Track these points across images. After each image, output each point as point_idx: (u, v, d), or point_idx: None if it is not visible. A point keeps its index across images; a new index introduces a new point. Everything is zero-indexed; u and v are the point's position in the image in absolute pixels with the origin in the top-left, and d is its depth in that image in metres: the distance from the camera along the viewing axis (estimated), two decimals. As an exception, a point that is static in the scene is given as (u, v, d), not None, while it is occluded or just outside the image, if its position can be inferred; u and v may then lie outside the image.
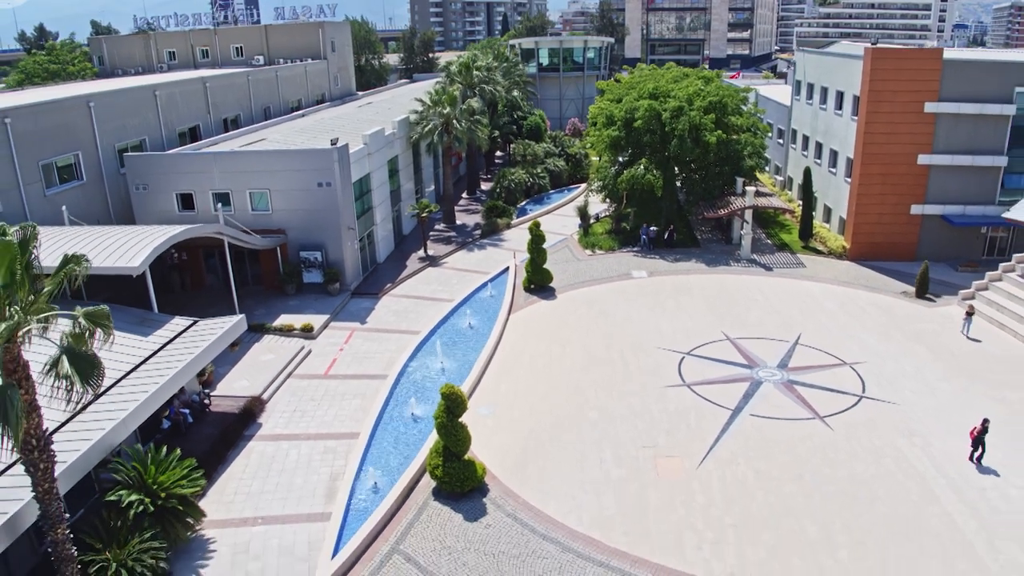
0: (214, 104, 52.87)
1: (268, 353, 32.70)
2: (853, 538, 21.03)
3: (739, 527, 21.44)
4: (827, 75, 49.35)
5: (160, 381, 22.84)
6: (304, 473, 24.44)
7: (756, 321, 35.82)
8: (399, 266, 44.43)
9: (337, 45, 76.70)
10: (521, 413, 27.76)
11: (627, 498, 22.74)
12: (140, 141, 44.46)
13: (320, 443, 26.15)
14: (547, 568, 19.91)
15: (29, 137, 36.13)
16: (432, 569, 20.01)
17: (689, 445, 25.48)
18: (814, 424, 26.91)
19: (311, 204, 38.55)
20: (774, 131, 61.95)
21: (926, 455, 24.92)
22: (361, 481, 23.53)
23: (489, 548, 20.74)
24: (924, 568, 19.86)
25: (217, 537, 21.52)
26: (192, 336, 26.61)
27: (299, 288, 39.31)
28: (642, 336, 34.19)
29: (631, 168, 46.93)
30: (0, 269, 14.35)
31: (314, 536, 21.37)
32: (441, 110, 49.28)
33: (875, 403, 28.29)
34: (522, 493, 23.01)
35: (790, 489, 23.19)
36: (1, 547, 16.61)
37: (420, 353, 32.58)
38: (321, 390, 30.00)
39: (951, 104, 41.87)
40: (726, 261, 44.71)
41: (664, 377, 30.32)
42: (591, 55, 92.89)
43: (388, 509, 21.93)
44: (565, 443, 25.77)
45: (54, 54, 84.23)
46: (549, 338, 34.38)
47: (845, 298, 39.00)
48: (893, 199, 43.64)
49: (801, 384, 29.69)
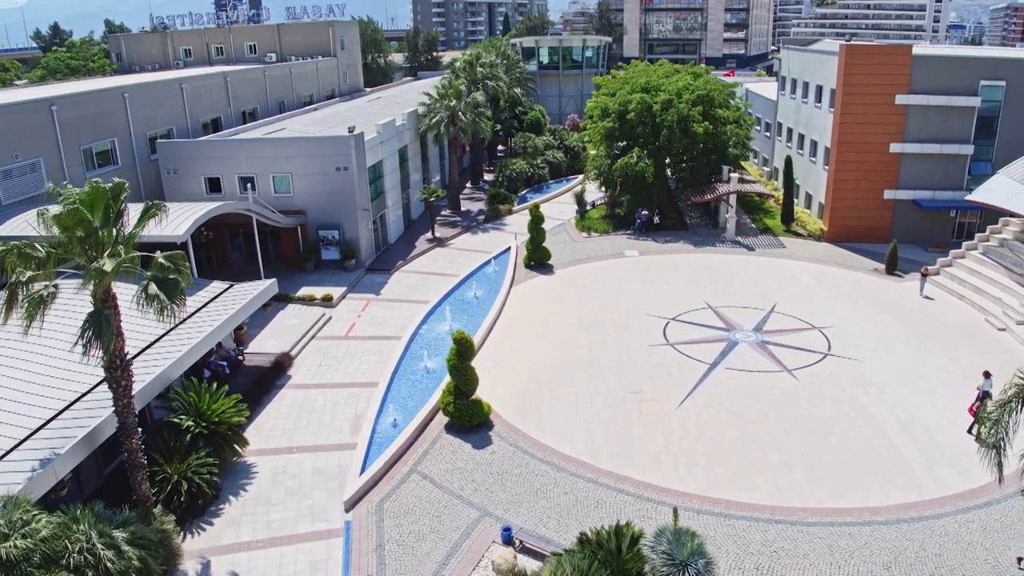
0: (234, 97, 56.33)
1: (293, 319, 36.10)
2: (808, 463, 24.40)
3: (710, 454, 24.82)
4: (808, 71, 52.75)
5: (207, 330, 26.24)
6: (331, 414, 27.84)
7: (736, 293, 39.18)
8: (409, 246, 47.87)
9: (346, 43, 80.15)
10: (522, 366, 31.16)
11: (614, 432, 26.13)
12: (168, 130, 47.90)
13: (344, 391, 29.54)
14: (544, 483, 23.31)
15: (72, 124, 39.56)
16: (445, 485, 23.42)
17: (670, 391, 28.87)
18: (782, 376, 30.30)
19: (329, 187, 41.94)
20: (761, 124, 65.32)
21: (879, 401, 28.28)
22: (382, 418, 26.91)
23: (494, 469, 24.14)
24: (868, 484, 23.23)
25: (258, 463, 24.91)
26: (230, 296, 30.01)
27: (318, 264, 42.71)
28: (632, 305, 37.57)
29: (625, 157, 50.31)
30: (97, 210, 17.73)
31: (343, 461, 24.75)
32: (447, 103, 52.66)
33: (838, 359, 31.68)
34: (523, 428, 26.42)
35: (757, 427, 26.56)
36: (81, 456, 19.93)
37: (430, 318, 36.01)
38: (343, 349, 33.42)
39: (920, 96, 45.24)
40: (712, 243, 48.11)
41: (650, 338, 33.71)
42: (589, 54, 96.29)
43: (406, 439, 25.33)
44: (561, 390, 29.17)
45: (74, 51, 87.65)
46: (547, 306, 37.80)
47: (820, 274, 42.38)
48: (867, 185, 47.01)
49: (773, 344, 33.09)
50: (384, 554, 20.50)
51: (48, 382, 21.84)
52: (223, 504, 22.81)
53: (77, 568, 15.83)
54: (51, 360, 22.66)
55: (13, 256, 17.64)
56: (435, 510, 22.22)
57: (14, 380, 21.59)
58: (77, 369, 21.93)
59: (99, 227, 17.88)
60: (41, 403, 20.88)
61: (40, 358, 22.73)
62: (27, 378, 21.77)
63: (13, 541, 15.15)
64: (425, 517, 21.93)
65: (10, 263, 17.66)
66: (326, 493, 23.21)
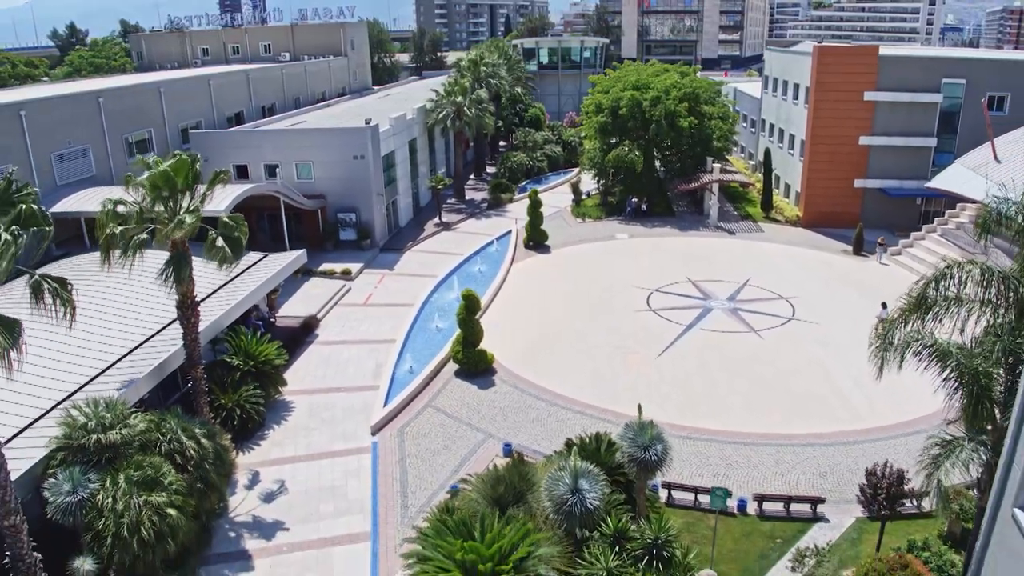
0: (255, 92, 60.63)
1: (316, 289, 40.36)
2: (765, 402, 28.61)
3: (681, 395, 29.04)
4: (787, 70, 56.99)
5: (251, 288, 30.52)
6: (355, 364, 32.09)
7: (715, 270, 43.36)
8: (418, 229, 52.15)
9: (356, 44, 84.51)
10: (521, 328, 35.38)
11: (600, 376, 30.36)
12: (197, 122, 52.19)
13: (365, 346, 33.78)
14: (539, 415, 27.55)
15: (116, 115, 43.82)
16: (456, 416, 27.67)
17: (650, 347, 33.09)
18: (750, 335, 34.54)
19: (347, 174, 46.17)
20: (747, 121, 69.56)
21: (833, 356, 32.46)
22: (400, 367, 31.16)
23: (497, 404, 28.39)
24: (815, 418, 27.41)
25: (296, 400, 29.15)
26: (266, 264, 34.27)
27: (336, 244, 46.94)
28: (620, 279, 41.77)
29: (617, 149, 54.54)
30: (180, 175, 21.97)
31: (367, 400, 28.95)
32: (454, 99, 56.92)
33: (801, 323, 35.90)
34: (521, 373, 30.68)
35: (723, 375, 30.77)
36: (157, 379, 24.16)
37: (440, 288, 40.28)
38: (362, 314, 37.67)
39: (887, 93, 49.45)
40: (696, 227, 52.35)
41: (635, 305, 37.93)
42: (587, 54, 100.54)
43: (421, 381, 29.58)
44: (555, 346, 33.40)
45: (96, 49, 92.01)
46: (545, 279, 42.06)
47: (793, 254, 46.60)
48: (839, 175, 51.21)
49: (744, 311, 37.32)
50: (406, 465, 24.75)
51: (127, 326, 26.07)
52: (268, 430, 27.06)
53: (167, 454, 20.08)
54: (128, 309, 26.90)
55: (109, 213, 21.82)
56: (447, 433, 26.48)
57: (103, 322, 25.78)
58: (148, 317, 26.25)
59: (180, 188, 22.10)
60: (123, 340, 25.13)
61: (119, 307, 26.95)
62: (112, 321, 25.97)
63: (117, 430, 19.38)
64: (439, 439, 26.18)
65: (104, 216, 21.82)
66: (355, 423, 27.44)
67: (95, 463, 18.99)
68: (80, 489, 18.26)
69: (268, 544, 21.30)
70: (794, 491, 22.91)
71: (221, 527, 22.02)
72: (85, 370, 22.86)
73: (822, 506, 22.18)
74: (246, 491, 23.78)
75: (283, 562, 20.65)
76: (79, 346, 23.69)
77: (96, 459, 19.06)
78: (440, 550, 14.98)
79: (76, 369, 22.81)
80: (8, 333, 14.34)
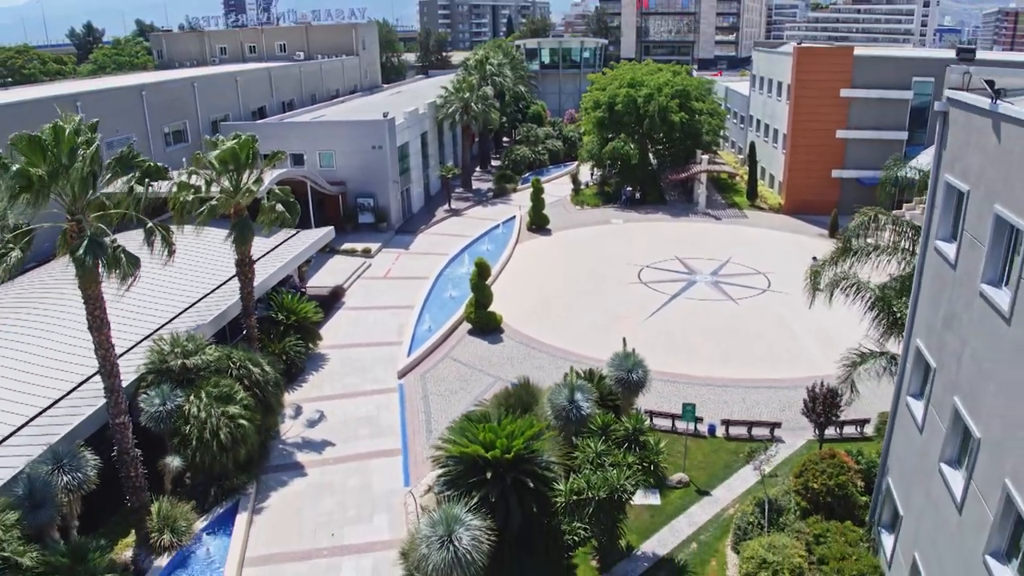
0: (276, 89, 65.04)
1: (340, 264, 44.71)
2: (737, 355, 32.95)
3: (665, 349, 33.33)
4: (771, 69, 61.37)
5: (289, 256, 34.91)
6: (380, 325, 36.45)
7: (701, 250, 47.69)
8: (429, 215, 56.55)
9: (367, 44, 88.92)
10: (525, 296, 39.74)
11: (594, 334, 34.67)
12: (225, 115, 56.55)
13: (388, 311, 38.14)
14: (541, 363, 31.90)
15: (156, 107, 48.22)
16: (470, 364, 32.05)
17: (639, 311, 37.45)
18: (728, 303, 38.90)
19: (366, 162, 50.54)
20: (738, 117, 73.93)
21: (800, 320, 36.66)
22: (419, 326, 35.54)
23: (505, 355, 32.78)
24: (781, 365, 31.74)
25: (329, 353, 33.50)
26: (299, 237, 38.65)
27: (355, 227, 51.30)
28: (614, 257, 46.12)
29: (613, 142, 58.89)
30: (244, 152, 26.32)
31: (393, 353, 33.29)
32: (462, 95, 61.30)
33: (775, 293, 40.25)
34: (526, 331, 35.06)
35: (703, 336, 35.10)
36: (220, 326, 28.52)
37: (452, 264, 44.68)
38: (383, 285, 42.05)
39: (861, 90, 53.81)
40: (686, 213, 56.73)
41: (627, 278, 42.29)
42: (587, 55, 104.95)
43: (439, 337, 33.98)
44: (554, 311, 37.77)
45: (118, 48, 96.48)
46: (546, 257, 46.44)
47: (773, 237, 50.94)
48: (818, 165, 55.57)
49: (724, 283, 41.67)
50: (429, 401, 29.12)
51: (190, 284, 30.45)
52: (308, 376, 31.44)
53: (237, 378, 24.42)
54: (189, 272, 31.28)
55: (182, 184, 26.16)
56: (463, 377, 30.86)
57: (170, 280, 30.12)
58: (206, 278, 30.68)
59: (242, 164, 26.45)
60: (188, 294, 29.53)
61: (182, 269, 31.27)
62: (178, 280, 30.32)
63: (197, 356, 23.74)
64: (456, 382, 30.56)
65: (178, 185, 26.16)
66: (383, 370, 31.81)
67: (179, 383, 23.34)
68: (169, 401, 22.60)
69: (316, 457, 25.65)
70: (756, 420, 27.25)
71: (275, 447, 26.35)
72: (163, 314, 27.26)
73: (779, 430, 26.53)
74: (292, 421, 28.12)
75: (330, 471, 24.99)
76: (156, 296, 28.11)
77: (180, 379, 23.41)
78: (466, 434, 19.31)
79: (157, 312, 27.23)
80: (132, 265, 18.60)
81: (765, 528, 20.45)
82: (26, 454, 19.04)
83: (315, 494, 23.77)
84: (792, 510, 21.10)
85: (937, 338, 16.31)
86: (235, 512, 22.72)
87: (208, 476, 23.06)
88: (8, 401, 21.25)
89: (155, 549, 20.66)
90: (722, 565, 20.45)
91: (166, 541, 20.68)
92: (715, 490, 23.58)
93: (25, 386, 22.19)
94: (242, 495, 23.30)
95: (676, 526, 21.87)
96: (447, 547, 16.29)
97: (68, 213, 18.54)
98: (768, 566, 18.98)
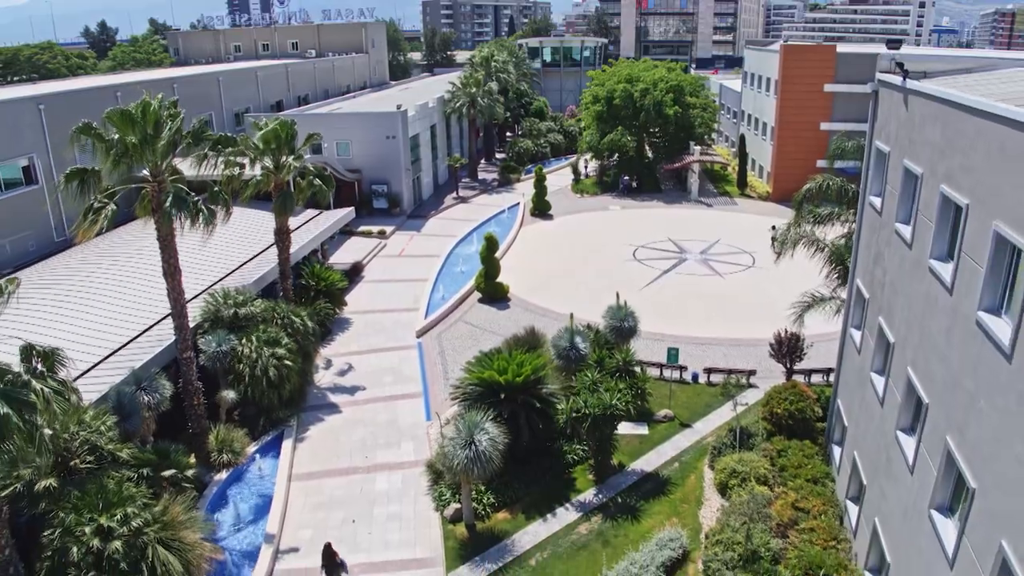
0: (292, 84, 68.76)
1: (358, 244, 48.40)
2: (721, 318, 36.58)
3: (657, 314, 36.93)
4: (761, 66, 65.02)
5: (316, 231, 38.59)
6: (398, 294, 40.10)
7: (692, 232, 51.33)
8: (439, 201, 60.24)
9: (376, 42, 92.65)
10: (530, 271, 43.38)
11: (593, 301, 38.19)
12: (247, 108, 60.23)
13: (404, 283, 41.80)
14: (545, 326, 35.22)
15: (185, 100, 51.46)
16: (481, 327, 35.71)
17: (635, 284, 41.06)
18: (715, 278, 42.55)
19: (381, 151, 54.19)
20: (731, 113, 77.57)
21: (781, 290, 40.22)
22: (434, 294, 39.20)
23: (512, 319, 36.43)
24: (760, 328, 35.26)
25: (353, 318, 37.16)
26: (323, 216, 42.35)
27: (370, 211, 54.95)
28: (612, 238, 49.78)
29: (611, 134, 62.52)
30: (283, 132, 29.98)
31: (411, 318, 36.94)
32: (468, 90, 64.99)
33: (759, 269, 43.85)
34: (531, 300, 38.71)
35: (693, 302, 38.75)
36: (260, 287, 32.16)
37: (461, 244, 48.37)
38: (399, 262, 45.73)
39: (844, 85, 57.41)
40: (680, 201, 60.40)
41: (623, 257, 45.94)
42: (587, 54, 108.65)
43: (452, 303, 37.66)
44: (556, 284, 41.43)
45: (136, 45, 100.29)
46: (548, 239, 50.09)
47: (759, 221, 54.47)
48: (803, 155, 59.05)
49: (713, 261, 45.32)
50: (445, 355, 32.79)
51: (232, 252, 34.12)
52: (335, 336, 35.12)
53: (282, 326, 28.08)
54: (232, 243, 34.95)
55: (229, 162, 29.77)
56: (475, 336, 34.52)
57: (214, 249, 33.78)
58: (245, 248, 34.33)
59: (283, 142, 30.11)
60: (230, 260, 33.20)
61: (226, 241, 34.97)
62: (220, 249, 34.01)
63: (247, 307, 27.41)
64: (469, 340, 34.22)
65: (225, 163, 29.75)
66: (403, 331, 35.47)
67: (232, 329, 27.00)
68: (224, 343, 26.24)
69: (349, 399, 29.32)
70: (734, 368, 30.90)
71: (311, 392, 29.98)
72: (212, 275, 30.99)
73: (754, 377, 30.15)
74: (324, 371, 31.76)
75: (361, 410, 28.65)
76: (205, 262, 31.82)
77: (231, 327, 27.07)
78: (482, 364, 22.96)
79: (207, 274, 30.97)
80: (211, 216, 22.27)
81: (737, 448, 24.11)
82: (113, 378, 22.70)
83: (349, 427, 27.43)
84: (760, 435, 24.76)
85: (869, 275, 19.97)
86: (281, 440, 26.39)
87: (257, 409, 26.71)
88: (96, 337, 24.95)
89: (215, 466, 24.30)
90: (700, 478, 24.09)
91: (225, 459, 24.28)
92: (696, 424, 27.22)
93: (110, 325, 25.92)
94: (286, 427, 26.97)
95: (661, 450, 25.51)
96: (469, 447, 19.90)
97: (151, 175, 22.19)
98: (738, 475, 22.66)
